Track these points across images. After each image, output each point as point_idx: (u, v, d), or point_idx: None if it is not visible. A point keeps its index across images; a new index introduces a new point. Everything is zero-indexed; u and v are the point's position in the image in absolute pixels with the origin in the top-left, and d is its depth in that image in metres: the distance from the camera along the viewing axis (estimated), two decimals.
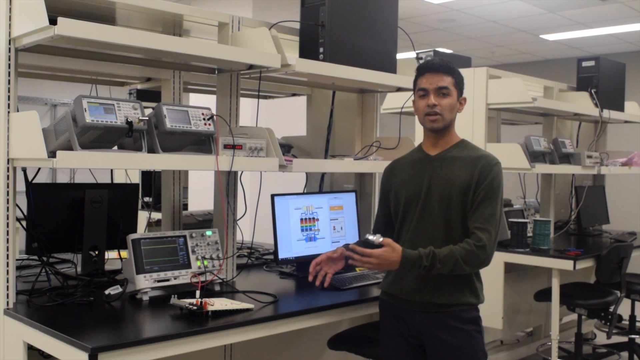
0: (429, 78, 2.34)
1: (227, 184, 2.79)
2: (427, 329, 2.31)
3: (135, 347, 1.92)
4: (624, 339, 4.69)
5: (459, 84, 2.38)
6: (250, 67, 2.69)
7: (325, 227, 3.14)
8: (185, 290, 2.43)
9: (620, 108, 5.11)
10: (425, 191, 2.34)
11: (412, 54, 3.78)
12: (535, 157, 4.21)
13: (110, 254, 2.84)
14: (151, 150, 2.29)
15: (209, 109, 2.45)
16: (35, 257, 2.58)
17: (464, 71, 4.23)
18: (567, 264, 3.85)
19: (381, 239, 2.26)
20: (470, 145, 2.42)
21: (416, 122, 2.94)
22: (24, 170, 2.47)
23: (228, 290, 2.61)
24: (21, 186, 2.39)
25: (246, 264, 3.14)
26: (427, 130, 2.40)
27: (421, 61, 2.72)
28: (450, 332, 2.28)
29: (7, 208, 2.23)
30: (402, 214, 2.39)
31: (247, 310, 2.28)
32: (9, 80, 2.22)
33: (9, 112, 2.23)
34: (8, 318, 2.20)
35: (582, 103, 4.77)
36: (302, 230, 3.05)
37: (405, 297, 2.36)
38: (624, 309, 4.24)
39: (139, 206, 3.19)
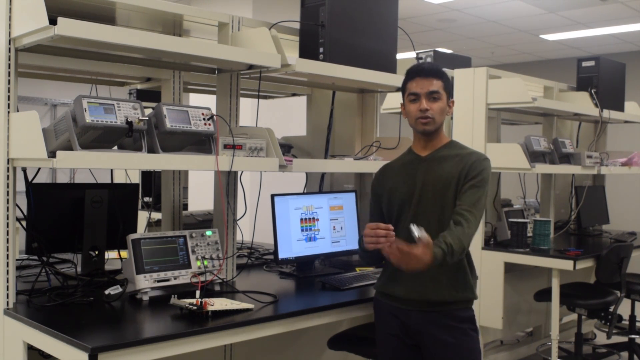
0: (420, 82, 2.36)
1: (227, 184, 2.79)
2: (424, 328, 2.33)
3: (135, 347, 1.92)
4: (624, 339, 4.69)
5: (448, 87, 2.40)
6: (250, 67, 2.69)
7: (325, 227, 3.14)
8: (185, 290, 2.43)
9: (620, 108, 5.11)
10: (418, 190, 2.36)
11: (412, 54, 3.78)
12: (535, 157, 4.21)
13: (110, 254, 2.83)
14: (151, 150, 2.29)
15: (209, 109, 2.44)
16: (35, 257, 2.58)
17: (464, 71, 4.28)
18: (567, 264, 3.85)
19: (424, 234, 2.08)
20: (460, 145, 2.46)
21: None
22: (24, 170, 2.47)
23: (228, 290, 2.61)
24: (21, 186, 2.39)
25: (246, 264, 3.14)
26: (419, 133, 2.43)
27: (421, 61, 2.73)
28: (448, 331, 2.30)
29: (7, 208, 2.23)
30: (396, 214, 2.41)
31: (247, 310, 2.28)
32: (9, 80, 2.22)
33: (9, 112, 2.23)
34: (8, 318, 2.19)
35: (582, 103, 4.77)
36: (302, 230, 3.05)
37: (401, 296, 2.37)
38: (624, 309, 4.24)
39: (139, 206, 3.19)
